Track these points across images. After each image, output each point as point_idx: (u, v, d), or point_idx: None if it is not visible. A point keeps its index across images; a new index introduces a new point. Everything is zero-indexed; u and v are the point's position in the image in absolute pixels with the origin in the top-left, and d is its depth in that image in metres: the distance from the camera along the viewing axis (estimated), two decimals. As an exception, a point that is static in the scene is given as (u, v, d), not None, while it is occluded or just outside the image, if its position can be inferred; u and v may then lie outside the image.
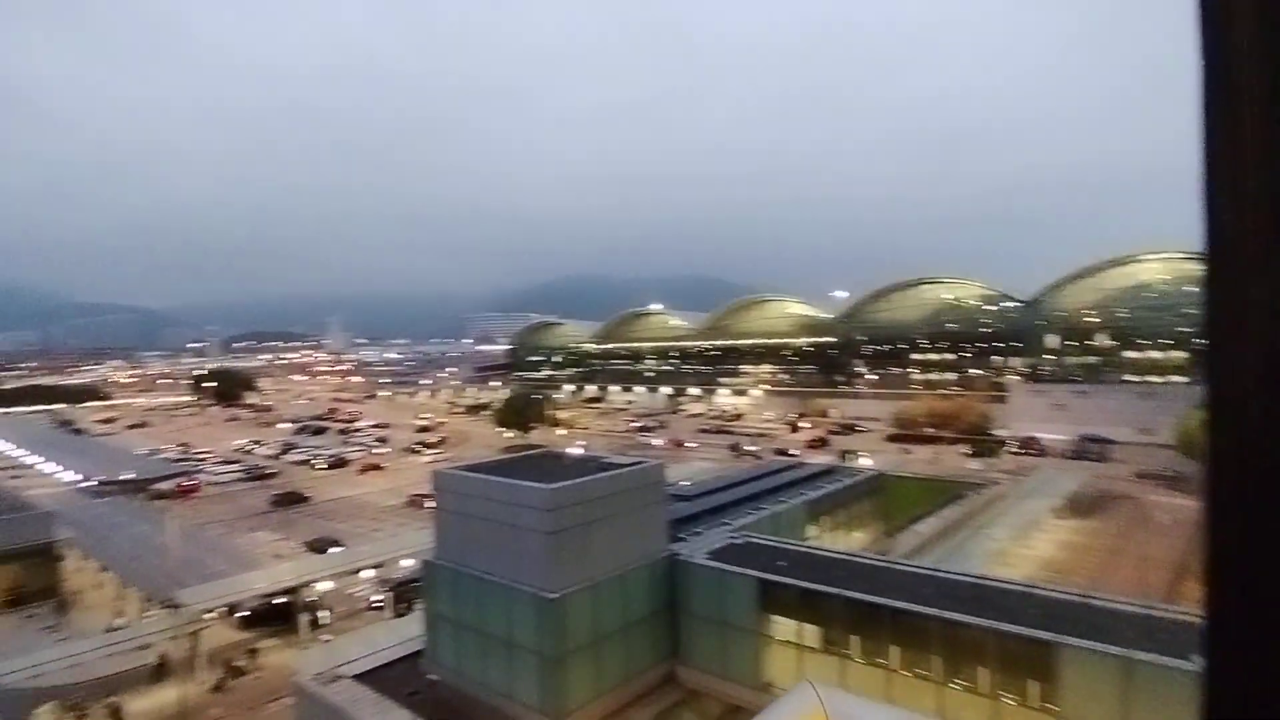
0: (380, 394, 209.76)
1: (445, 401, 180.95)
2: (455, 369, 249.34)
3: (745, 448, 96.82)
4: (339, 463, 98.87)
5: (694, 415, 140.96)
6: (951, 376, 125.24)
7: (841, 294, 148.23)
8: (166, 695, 35.16)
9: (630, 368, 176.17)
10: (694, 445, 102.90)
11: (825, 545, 30.19)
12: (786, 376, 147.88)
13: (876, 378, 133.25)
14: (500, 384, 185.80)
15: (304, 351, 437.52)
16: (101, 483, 72.03)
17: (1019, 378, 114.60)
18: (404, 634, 28.16)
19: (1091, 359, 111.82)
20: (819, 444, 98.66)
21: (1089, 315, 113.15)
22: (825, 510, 35.46)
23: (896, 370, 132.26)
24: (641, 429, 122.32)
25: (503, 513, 22.61)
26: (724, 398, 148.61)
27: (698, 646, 23.71)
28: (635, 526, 23.88)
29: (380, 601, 45.00)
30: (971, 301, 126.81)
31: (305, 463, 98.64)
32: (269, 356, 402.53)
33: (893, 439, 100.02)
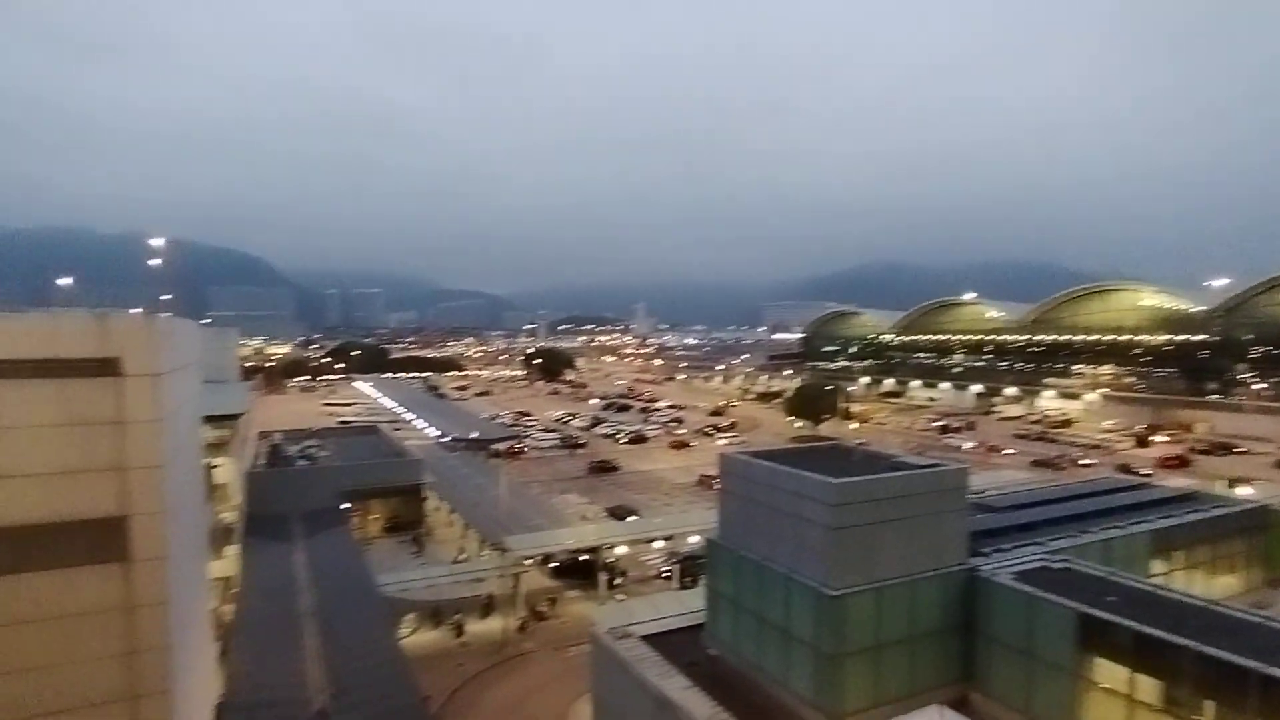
0: (678, 377, 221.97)
1: (737, 387, 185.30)
2: (748, 356, 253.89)
3: (1079, 460, 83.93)
4: (639, 439, 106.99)
5: (1009, 418, 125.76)
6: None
7: (1221, 282, 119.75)
8: (492, 624, 41.27)
9: (934, 362, 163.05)
10: (1012, 452, 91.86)
11: (1174, 586, 24.76)
12: (1135, 380, 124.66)
13: (1267, 387, 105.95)
14: (792, 373, 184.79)
15: (613, 335, 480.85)
16: (454, 439, 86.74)
17: None
18: (688, 605, 29.30)
19: None
20: (1177, 463, 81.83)
21: None
22: (1178, 544, 29.03)
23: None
24: (944, 429, 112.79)
25: (786, 502, 22.32)
26: (1049, 401, 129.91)
27: (997, 675, 21.09)
28: (928, 533, 21.96)
29: (668, 571, 47.74)
30: None
31: (610, 436, 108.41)
32: (584, 338, 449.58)
33: (1288, 465, 79.04)
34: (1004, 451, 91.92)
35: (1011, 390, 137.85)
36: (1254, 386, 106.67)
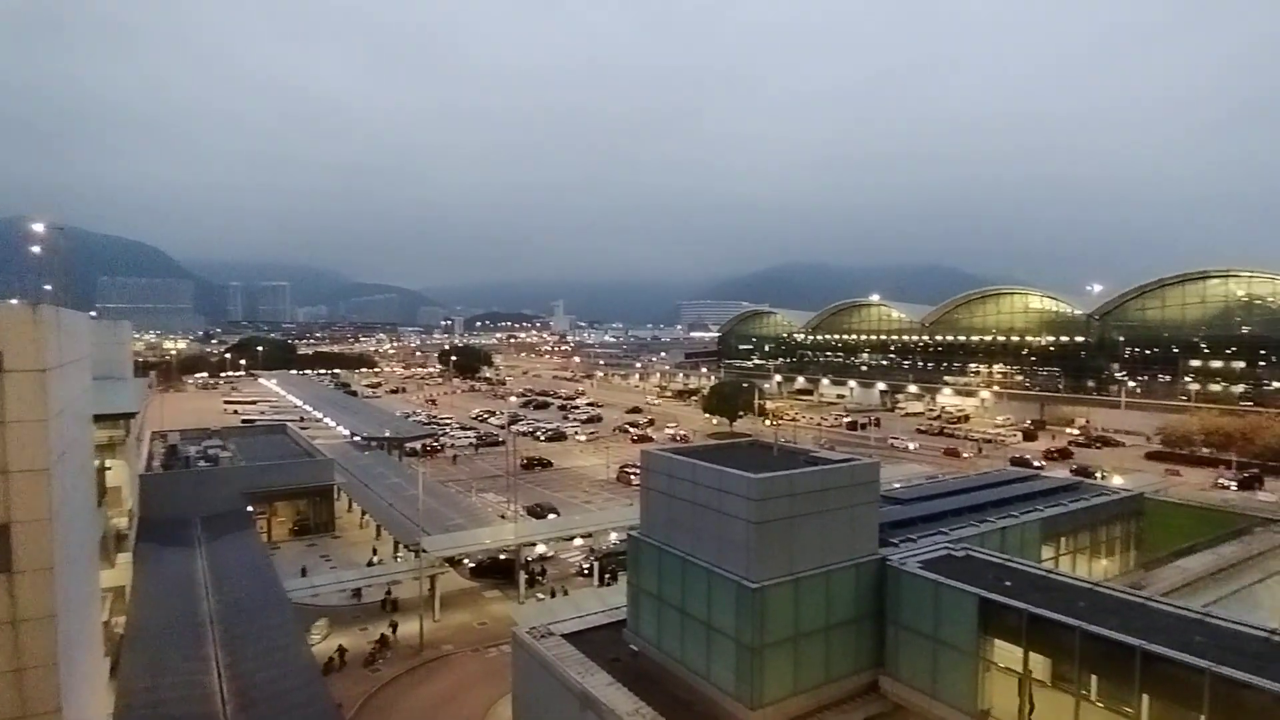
0: (596, 375, 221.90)
1: (655, 385, 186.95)
2: (666, 354, 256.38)
3: (964, 454, 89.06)
4: (558, 436, 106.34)
5: (912, 414, 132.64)
6: (1241, 389, 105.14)
7: (1097, 287, 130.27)
8: (410, 626, 40.10)
9: (844, 361, 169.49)
10: (914, 447, 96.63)
11: (1062, 570, 26.71)
12: (1023, 378, 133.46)
13: (1135, 385, 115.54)
14: (708, 371, 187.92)
15: (532, 332, 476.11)
16: (366, 438, 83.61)
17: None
18: (609, 602, 29.44)
19: None
20: (1060, 455, 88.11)
21: None
22: (1065, 530, 31.36)
23: (1164, 378, 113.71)
24: (852, 425, 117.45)
25: (708, 498, 22.71)
26: (948, 398, 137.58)
27: (906, 660, 22.18)
28: (843, 525, 22.85)
29: (588, 569, 47.75)
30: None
31: (530, 434, 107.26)
32: (502, 335, 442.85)
33: (1155, 457, 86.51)
34: (909, 447, 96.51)
35: (914, 388, 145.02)
36: (1127, 385, 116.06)
